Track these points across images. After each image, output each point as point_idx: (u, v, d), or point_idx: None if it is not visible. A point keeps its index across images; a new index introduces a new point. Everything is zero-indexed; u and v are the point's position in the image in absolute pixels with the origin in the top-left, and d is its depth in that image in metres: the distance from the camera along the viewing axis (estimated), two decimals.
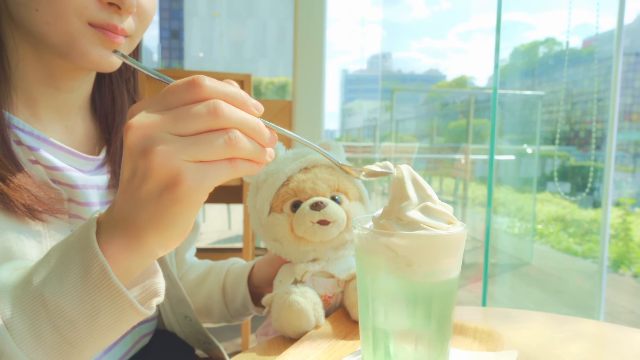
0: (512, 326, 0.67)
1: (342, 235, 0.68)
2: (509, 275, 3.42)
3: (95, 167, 0.69)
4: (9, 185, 0.56)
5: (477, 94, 4.91)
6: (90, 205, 0.66)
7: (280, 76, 11.95)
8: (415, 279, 0.44)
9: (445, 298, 0.46)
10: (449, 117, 6.58)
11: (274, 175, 0.69)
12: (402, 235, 0.43)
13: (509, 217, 4.05)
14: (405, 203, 0.45)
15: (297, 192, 0.68)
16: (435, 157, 5.30)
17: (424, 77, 12.99)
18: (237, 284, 0.83)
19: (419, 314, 0.45)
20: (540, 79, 5.12)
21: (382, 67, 11.40)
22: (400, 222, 0.44)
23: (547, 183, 4.40)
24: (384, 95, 6.06)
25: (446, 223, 0.45)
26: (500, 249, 3.67)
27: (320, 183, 0.68)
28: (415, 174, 0.47)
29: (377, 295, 0.46)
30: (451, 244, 0.44)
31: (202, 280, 0.87)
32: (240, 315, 0.86)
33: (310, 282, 0.69)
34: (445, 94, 6.94)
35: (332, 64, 34.17)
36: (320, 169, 0.70)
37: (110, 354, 0.71)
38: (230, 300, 0.84)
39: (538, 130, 3.81)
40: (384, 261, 0.45)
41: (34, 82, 0.64)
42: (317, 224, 0.65)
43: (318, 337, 0.61)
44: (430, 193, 0.46)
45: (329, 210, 0.65)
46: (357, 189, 0.73)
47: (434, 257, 0.44)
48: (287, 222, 0.67)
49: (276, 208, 0.69)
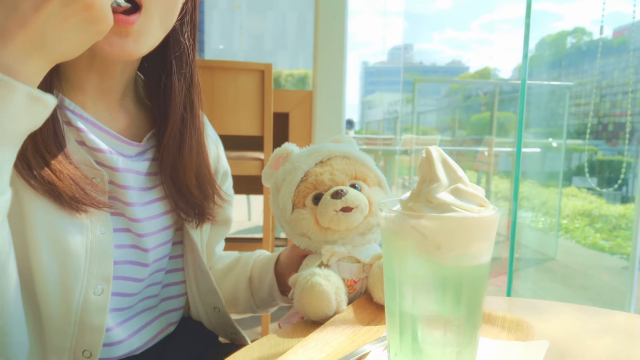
0: (540, 317, 0.66)
1: (367, 220, 0.69)
2: (533, 270, 3.37)
3: (137, 153, 0.71)
4: (59, 176, 0.58)
5: (502, 86, 4.82)
6: (128, 189, 0.68)
7: (300, 68, 11.94)
8: (445, 262, 0.43)
9: (475, 283, 0.45)
10: (471, 109, 6.48)
11: (291, 173, 0.71)
12: (432, 218, 0.43)
13: (533, 212, 3.98)
14: (435, 185, 0.44)
15: (317, 185, 0.69)
16: (457, 150, 5.24)
17: (446, 69, 12.83)
18: (264, 272, 0.84)
19: (448, 299, 0.45)
20: (567, 71, 5.00)
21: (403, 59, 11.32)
22: (429, 204, 0.44)
23: (573, 177, 4.31)
24: (405, 88, 6.00)
25: (478, 206, 0.44)
26: (524, 244, 3.61)
27: (338, 173, 0.69)
28: (445, 155, 0.46)
29: (405, 279, 0.45)
30: (483, 228, 0.44)
31: (229, 270, 0.88)
32: (266, 305, 0.87)
33: (335, 266, 0.69)
34: (468, 86, 6.84)
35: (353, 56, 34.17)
36: (336, 160, 0.71)
37: (137, 338, 0.72)
38: (256, 289, 0.85)
39: (565, 123, 3.73)
40: (412, 244, 0.44)
41: (80, 70, 0.66)
42: (341, 212, 0.66)
43: (342, 323, 0.61)
44: (461, 175, 0.45)
45: (350, 196, 0.66)
46: (375, 175, 0.73)
47: (464, 241, 0.43)
48: (311, 215, 0.68)
49: (298, 204, 0.70)
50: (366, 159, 0.74)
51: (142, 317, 0.75)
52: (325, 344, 0.55)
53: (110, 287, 0.64)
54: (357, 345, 0.55)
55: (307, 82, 9.00)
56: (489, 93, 5.45)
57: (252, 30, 14.46)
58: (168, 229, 0.75)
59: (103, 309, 0.63)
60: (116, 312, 0.69)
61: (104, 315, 0.63)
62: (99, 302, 0.63)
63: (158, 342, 0.77)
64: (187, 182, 0.73)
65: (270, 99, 1.84)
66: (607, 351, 0.56)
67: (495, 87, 4.57)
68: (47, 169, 0.57)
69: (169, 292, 0.79)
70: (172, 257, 0.78)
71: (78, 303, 0.61)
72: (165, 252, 0.75)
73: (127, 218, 0.68)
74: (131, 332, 0.71)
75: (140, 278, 0.71)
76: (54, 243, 0.59)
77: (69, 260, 0.60)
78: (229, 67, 1.83)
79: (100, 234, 0.63)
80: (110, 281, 0.64)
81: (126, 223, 0.68)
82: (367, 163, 0.73)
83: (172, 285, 0.80)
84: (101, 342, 0.64)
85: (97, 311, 0.63)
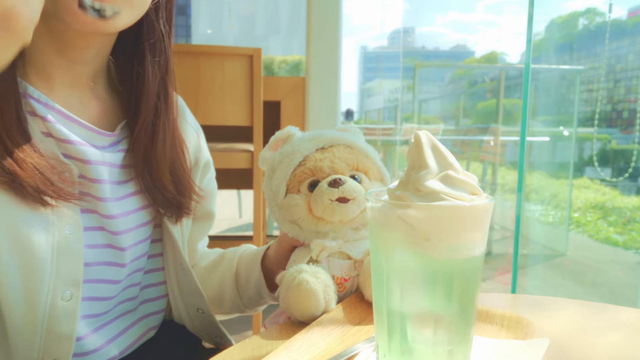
0: (543, 314, 0.65)
1: (363, 215, 0.69)
2: (542, 266, 3.38)
3: (110, 144, 0.70)
4: (22, 165, 0.56)
5: (509, 70, 4.81)
6: (101, 182, 0.66)
7: (294, 54, 11.90)
8: (435, 255, 0.43)
9: (468, 277, 0.45)
10: (476, 96, 6.48)
11: (289, 156, 0.70)
12: (419, 207, 0.42)
13: (542, 205, 3.99)
14: (423, 172, 0.44)
15: (315, 171, 0.69)
16: (461, 139, 5.24)
17: (450, 54, 12.79)
18: (251, 269, 0.83)
19: (439, 295, 0.44)
20: (579, 54, 5.00)
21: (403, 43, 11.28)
22: (418, 192, 0.43)
23: (585, 168, 4.31)
24: (406, 74, 5.99)
25: (470, 194, 0.44)
26: (533, 239, 3.62)
27: (338, 161, 0.69)
28: (435, 141, 0.45)
29: (393, 274, 0.45)
30: (475, 217, 0.43)
31: (214, 267, 0.88)
32: (253, 304, 0.86)
33: (325, 262, 0.69)
34: (473, 71, 6.84)
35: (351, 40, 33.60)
36: (339, 148, 0.71)
37: (114, 345, 0.72)
38: (243, 287, 0.85)
39: (576, 110, 3.73)
40: (399, 236, 0.44)
41: (47, 53, 0.65)
42: (336, 202, 0.66)
43: (330, 323, 0.60)
44: (451, 161, 0.45)
45: (348, 187, 0.66)
46: (378, 169, 0.73)
47: (455, 231, 0.43)
48: (305, 202, 0.68)
49: (293, 189, 0.70)
50: (370, 151, 0.74)
51: (119, 322, 0.74)
52: (312, 345, 0.55)
53: (80, 291, 0.63)
54: (346, 346, 0.55)
55: (302, 68, 8.99)
56: (495, 79, 5.44)
57: (243, 13, 14.38)
58: (145, 226, 0.74)
59: (72, 316, 0.62)
60: (90, 318, 0.69)
61: (73, 322, 0.62)
62: (67, 309, 0.62)
63: (137, 348, 0.76)
64: (160, 175, 0.72)
65: (260, 86, 1.83)
66: (612, 349, 0.56)
67: (502, 73, 4.56)
68: (8, 157, 0.55)
69: (148, 293, 0.79)
70: (151, 256, 0.78)
71: (44, 310, 0.60)
72: (144, 251, 0.75)
73: (100, 215, 0.67)
74: (108, 339, 0.71)
75: (116, 280, 0.70)
76: (14, 241, 0.57)
77: (32, 261, 0.58)
78: (216, 53, 1.82)
79: (69, 234, 0.62)
80: (80, 285, 0.63)
81: (99, 220, 0.67)
82: (370, 155, 0.73)
83: (151, 286, 0.79)
84: (71, 351, 0.63)
85: (66, 318, 0.62)
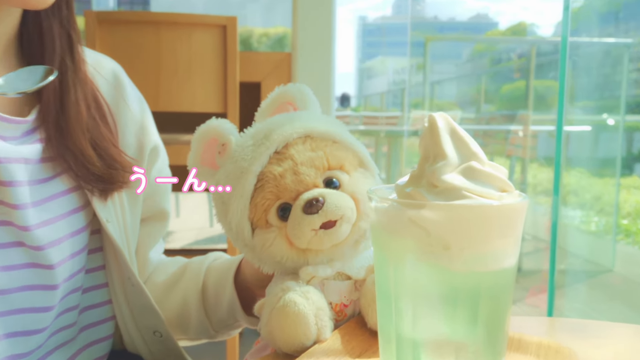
0: (588, 342, 0.65)
1: (357, 227, 0.66)
2: (583, 285, 3.41)
3: (23, 133, 0.69)
4: None
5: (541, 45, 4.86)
6: (15, 185, 0.65)
7: (277, 25, 11.91)
8: (455, 268, 0.43)
9: (496, 295, 0.44)
10: (501, 77, 6.53)
11: (240, 181, 0.66)
12: (437, 207, 0.42)
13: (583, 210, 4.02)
14: (440, 163, 0.44)
15: (279, 194, 0.65)
16: (483, 130, 5.28)
17: (468, 25, 12.81)
18: (221, 285, 0.83)
19: (461, 318, 0.44)
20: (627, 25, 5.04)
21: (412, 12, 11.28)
22: (433, 189, 0.43)
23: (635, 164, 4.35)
24: (415, 50, 6.02)
25: (498, 191, 0.44)
26: (572, 252, 3.65)
27: (304, 169, 0.65)
28: (454, 125, 0.45)
29: (403, 292, 0.45)
30: (505, 219, 0.43)
31: (174, 282, 0.87)
32: (225, 327, 0.86)
33: (319, 286, 0.67)
34: (498, 46, 6.89)
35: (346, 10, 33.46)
36: (296, 146, 0.67)
37: None
38: (212, 307, 0.84)
39: (623, 94, 3.76)
40: (411, 244, 0.43)
41: None
42: (321, 230, 0.63)
43: (323, 355, 0.60)
44: (475, 150, 0.45)
45: (330, 205, 0.62)
46: (354, 153, 0.69)
47: (480, 237, 0.43)
48: (282, 237, 0.65)
49: (259, 222, 0.66)
50: (335, 129, 0.69)
51: (55, 357, 0.74)
52: None
53: None
54: None
55: (287, 43, 8.99)
56: (524, 56, 5.48)
57: None
58: (80, 233, 0.74)
59: None
60: (17, 359, 0.68)
61: None
62: None
63: None
64: (80, 147, 0.71)
65: (236, 64, 1.83)
66: None
67: (532, 48, 4.60)
68: None
69: (90, 317, 0.79)
70: (90, 270, 0.78)
71: None
72: (80, 265, 0.74)
73: (17, 227, 0.66)
74: None
75: (47, 307, 0.69)
76: None
77: None
78: (180, 22, 1.83)
79: None
80: None
81: (15, 234, 0.66)
82: (338, 137, 0.68)
83: (93, 307, 0.79)
84: None
85: None
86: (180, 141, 1.85)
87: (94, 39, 1.75)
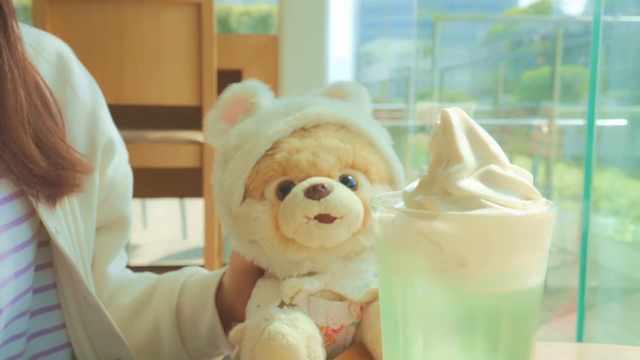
0: None
1: (356, 240, 0.67)
2: (618, 305, 3.43)
3: None
4: None
5: (568, 25, 4.88)
6: None
7: (260, 3, 11.85)
8: (473, 288, 0.43)
9: (520, 319, 0.45)
10: (522, 63, 6.55)
11: (251, 140, 0.68)
12: (451, 218, 0.43)
13: (617, 217, 4.05)
14: (455, 167, 0.44)
15: (287, 168, 0.67)
16: (501, 124, 5.30)
17: (483, 2, 12.79)
18: (200, 306, 0.82)
19: (479, 344, 0.44)
20: None
21: None
22: (447, 197, 0.44)
23: None
24: (422, 32, 6.02)
25: (522, 198, 0.44)
26: (605, 266, 3.66)
27: (324, 154, 0.67)
28: (470, 122, 0.46)
29: (412, 316, 0.45)
30: (530, 231, 0.44)
31: (143, 303, 0.87)
32: (204, 356, 0.86)
33: (304, 304, 0.68)
34: (518, 26, 6.91)
35: None
36: (327, 130, 0.69)
37: None
38: (188, 332, 0.84)
39: None
40: (421, 261, 0.44)
41: None
42: (315, 221, 0.63)
43: None
44: (495, 151, 0.45)
45: (334, 198, 0.64)
46: (386, 165, 0.71)
47: (502, 253, 0.43)
48: (270, 215, 0.66)
49: (254, 192, 0.68)
50: (377, 133, 0.71)
51: None
52: None
53: None
54: None
55: (273, 23, 9.00)
56: (548, 38, 5.50)
57: None
58: (25, 248, 0.73)
59: None
60: None
61: None
62: None
63: None
64: (20, 144, 0.70)
65: (212, 49, 1.83)
66: None
67: (558, 29, 4.62)
68: None
69: (41, 345, 0.79)
70: (39, 289, 0.78)
71: None
72: (26, 285, 0.74)
73: None
74: None
75: None
76: None
77: None
78: (147, 0, 1.82)
79: None
80: None
81: None
82: (376, 142, 0.71)
83: (44, 333, 0.79)
84: None
85: None
86: (148, 139, 1.84)
87: (44, 18, 1.74)
